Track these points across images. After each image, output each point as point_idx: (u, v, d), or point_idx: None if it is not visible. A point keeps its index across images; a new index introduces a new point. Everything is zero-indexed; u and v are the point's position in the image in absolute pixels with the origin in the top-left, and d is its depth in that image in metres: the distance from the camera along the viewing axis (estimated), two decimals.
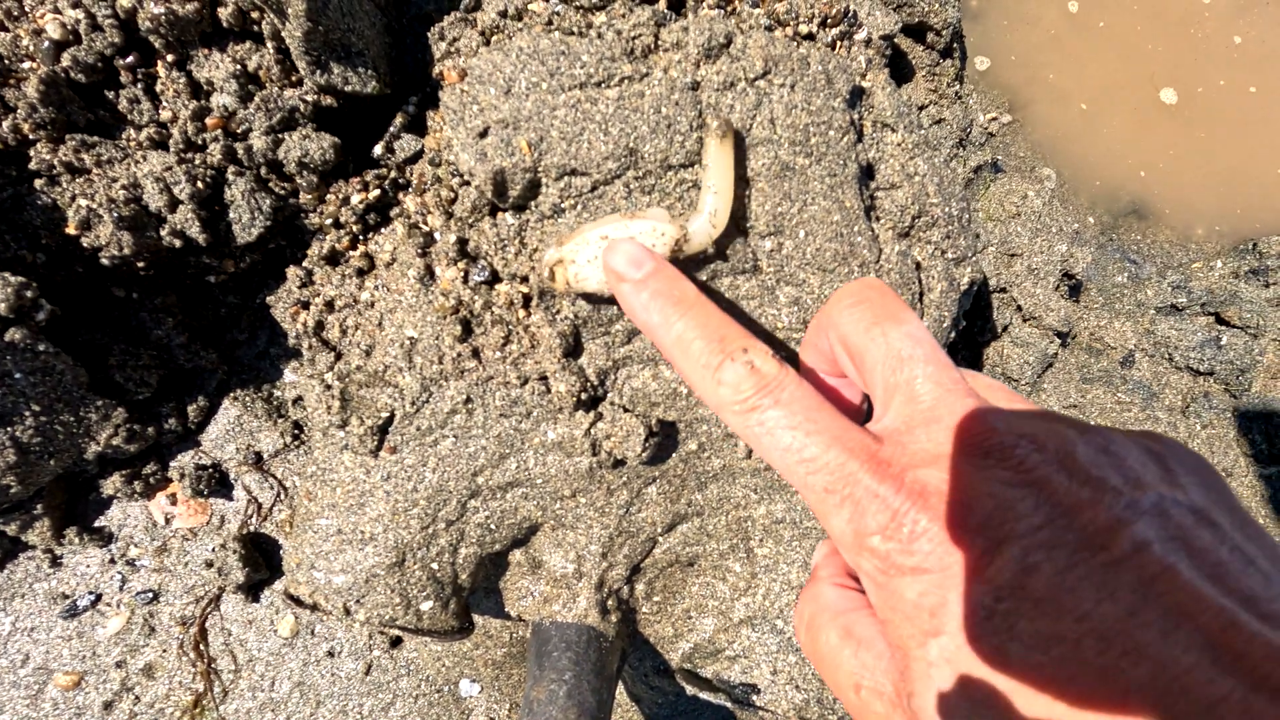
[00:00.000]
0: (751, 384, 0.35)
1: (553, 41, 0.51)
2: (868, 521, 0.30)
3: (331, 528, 0.61)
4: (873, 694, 0.31)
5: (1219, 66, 1.06)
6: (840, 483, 0.31)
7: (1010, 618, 0.25)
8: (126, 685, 0.73)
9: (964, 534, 0.27)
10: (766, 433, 0.34)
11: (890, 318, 0.36)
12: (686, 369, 0.39)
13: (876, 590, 0.30)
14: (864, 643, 0.33)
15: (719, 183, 0.49)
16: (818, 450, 0.32)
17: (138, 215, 0.66)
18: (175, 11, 0.65)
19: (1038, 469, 0.27)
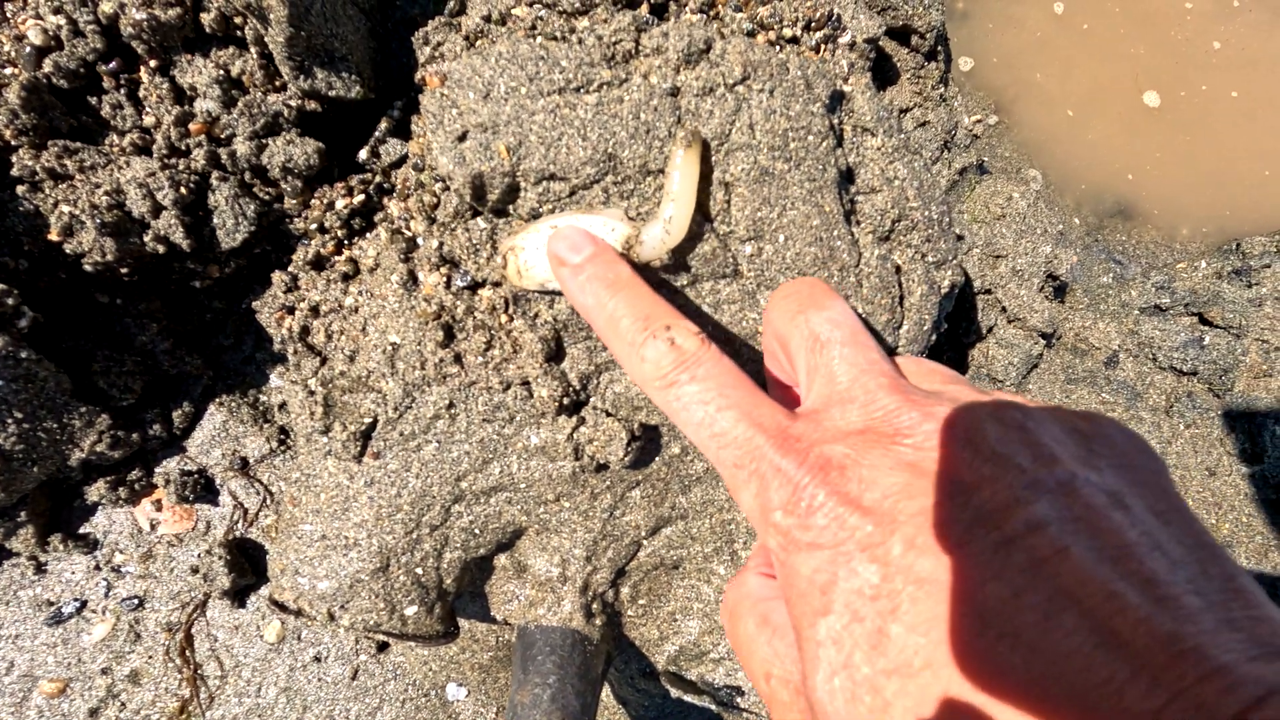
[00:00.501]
0: (671, 360, 0.36)
1: (532, 46, 0.51)
2: (771, 496, 0.30)
3: (315, 533, 0.61)
4: (780, 682, 0.31)
5: (1200, 70, 1.06)
6: (748, 457, 0.31)
7: (895, 598, 0.25)
8: (112, 692, 0.73)
9: (858, 511, 0.27)
10: (683, 407, 0.34)
11: (813, 304, 0.37)
12: (616, 347, 0.39)
13: (780, 569, 0.29)
14: (778, 630, 0.33)
15: (680, 191, 0.49)
16: (728, 425, 0.32)
17: (121, 221, 0.66)
18: (158, 17, 0.65)
19: (940, 448, 0.27)
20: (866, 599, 0.25)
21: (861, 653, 0.25)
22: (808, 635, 0.27)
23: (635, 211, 0.53)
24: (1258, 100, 1.07)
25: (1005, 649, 0.22)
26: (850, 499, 0.27)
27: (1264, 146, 1.08)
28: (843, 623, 0.26)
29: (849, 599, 0.26)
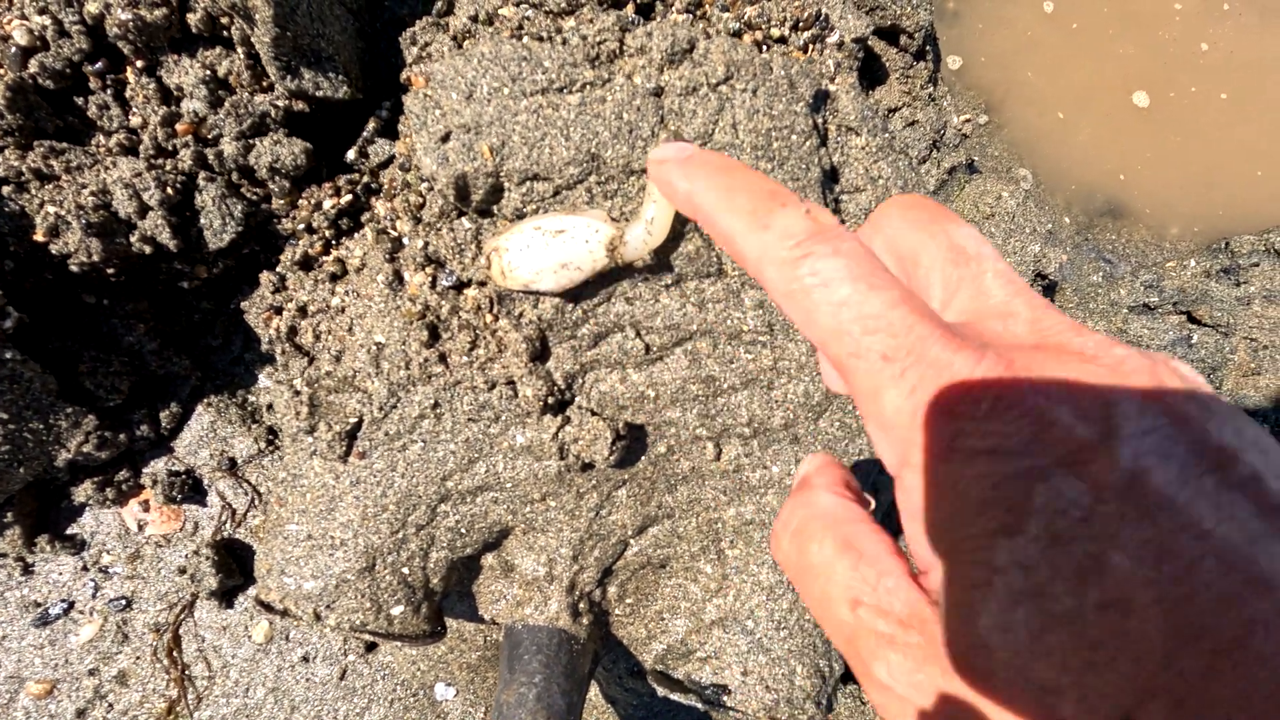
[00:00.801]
0: (805, 227, 0.30)
1: (514, 47, 0.51)
2: (933, 397, 0.25)
3: (301, 533, 0.61)
4: (875, 613, 0.27)
5: (1189, 72, 1.07)
6: (904, 348, 0.26)
7: (1114, 524, 0.21)
8: (100, 693, 0.73)
9: (1063, 420, 0.23)
10: (820, 283, 0.29)
11: (948, 218, 0.32)
12: (725, 223, 0.33)
13: (925, 482, 0.25)
14: (867, 557, 0.29)
15: (661, 196, 0.49)
16: (881, 306, 0.27)
17: (107, 221, 0.66)
18: (143, 17, 0.65)
19: (1149, 374, 0.24)
20: (1075, 521, 0.22)
21: (1064, 581, 0.21)
22: (977, 559, 0.23)
23: (618, 212, 0.54)
24: (1247, 101, 1.07)
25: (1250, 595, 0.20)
26: (1052, 398, 0.24)
27: (1254, 146, 1.08)
28: (1039, 545, 0.22)
29: (1050, 519, 0.22)
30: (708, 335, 0.59)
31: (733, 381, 0.60)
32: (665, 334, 0.58)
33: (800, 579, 0.31)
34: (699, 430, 0.62)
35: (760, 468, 0.63)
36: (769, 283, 0.31)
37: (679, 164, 0.38)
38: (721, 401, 0.61)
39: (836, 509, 0.32)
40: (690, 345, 0.59)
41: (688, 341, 0.59)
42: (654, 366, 0.59)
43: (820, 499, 0.32)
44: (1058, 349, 0.25)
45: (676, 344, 0.59)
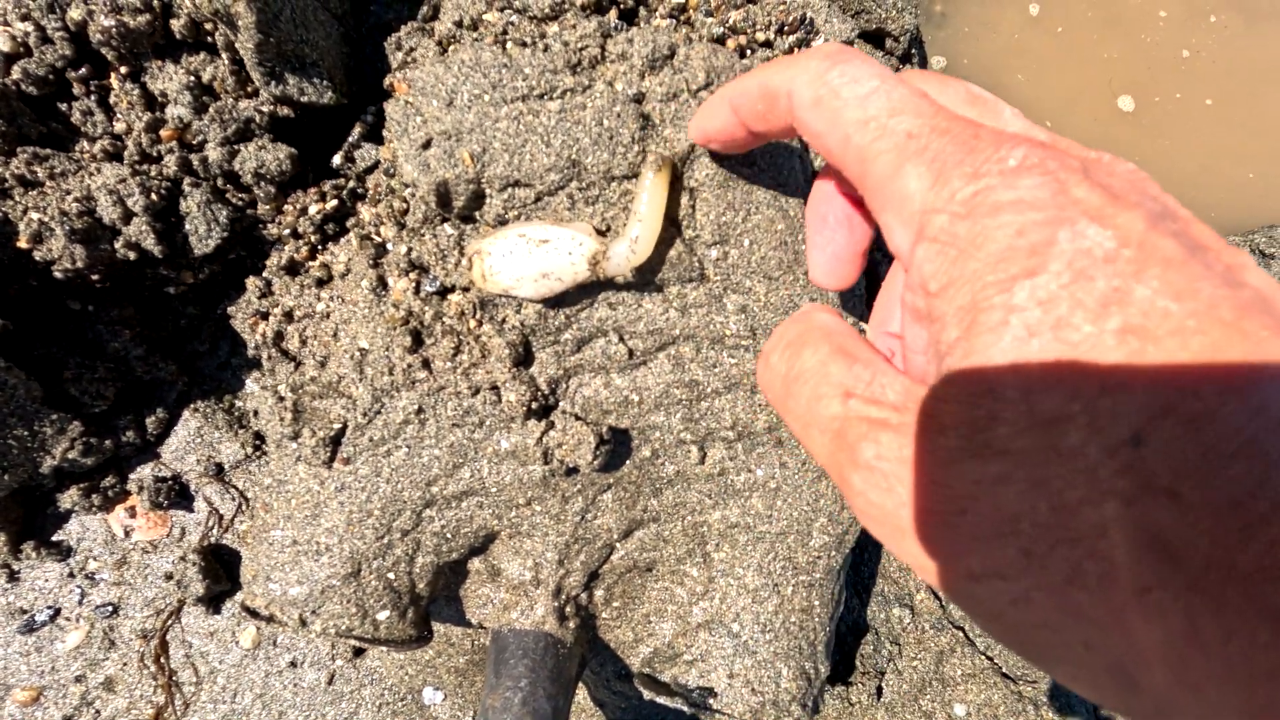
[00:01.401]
0: (835, 48, 0.32)
1: (494, 54, 0.52)
2: (956, 161, 0.25)
3: (287, 539, 0.61)
4: (867, 402, 0.27)
5: (1172, 77, 1.07)
6: (928, 126, 0.27)
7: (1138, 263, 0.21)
8: (86, 699, 0.73)
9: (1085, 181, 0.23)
10: (850, 80, 0.30)
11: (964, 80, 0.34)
12: (758, 79, 0.35)
13: (943, 247, 0.25)
14: (862, 360, 0.29)
15: (647, 212, 0.50)
16: (907, 93, 0.28)
17: (91, 228, 0.66)
18: (126, 24, 0.65)
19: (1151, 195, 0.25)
20: (1098, 260, 0.22)
21: (1086, 311, 0.21)
22: (995, 303, 0.23)
23: (600, 220, 0.54)
24: (1232, 106, 1.07)
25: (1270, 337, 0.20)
26: (1072, 170, 0.24)
27: (1241, 150, 1.09)
28: (1061, 281, 0.22)
29: (1074, 258, 0.22)
30: (690, 340, 0.59)
31: (716, 385, 0.60)
32: (648, 339, 0.58)
33: (789, 388, 0.31)
34: (683, 434, 0.62)
35: (745, 471, 0.63)
36: (798, 100, 0.32)
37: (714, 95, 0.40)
38: (705, 405, 0.61)
39: (832, 323, 0.33)
40: (673, 350, 0.59)
41: (671, 346, 0.59)
42: (637, 371, 0.59)
43: (817, 315, 0.34)
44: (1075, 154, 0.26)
45: (660, 349, 0.59)
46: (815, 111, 0.31)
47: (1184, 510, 0.19)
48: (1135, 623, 0.20)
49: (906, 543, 0.25)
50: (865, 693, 0.85)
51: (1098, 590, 0.20)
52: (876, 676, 0.86)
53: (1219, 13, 1.08)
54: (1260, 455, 0.19)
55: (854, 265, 0.40)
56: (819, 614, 0.67)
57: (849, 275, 0.41)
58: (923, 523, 0.24)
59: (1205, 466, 0.19)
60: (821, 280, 0.42)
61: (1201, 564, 0.19)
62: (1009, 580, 0.22)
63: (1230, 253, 0.23)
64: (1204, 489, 0.19)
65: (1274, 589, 0.18)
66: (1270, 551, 0.18)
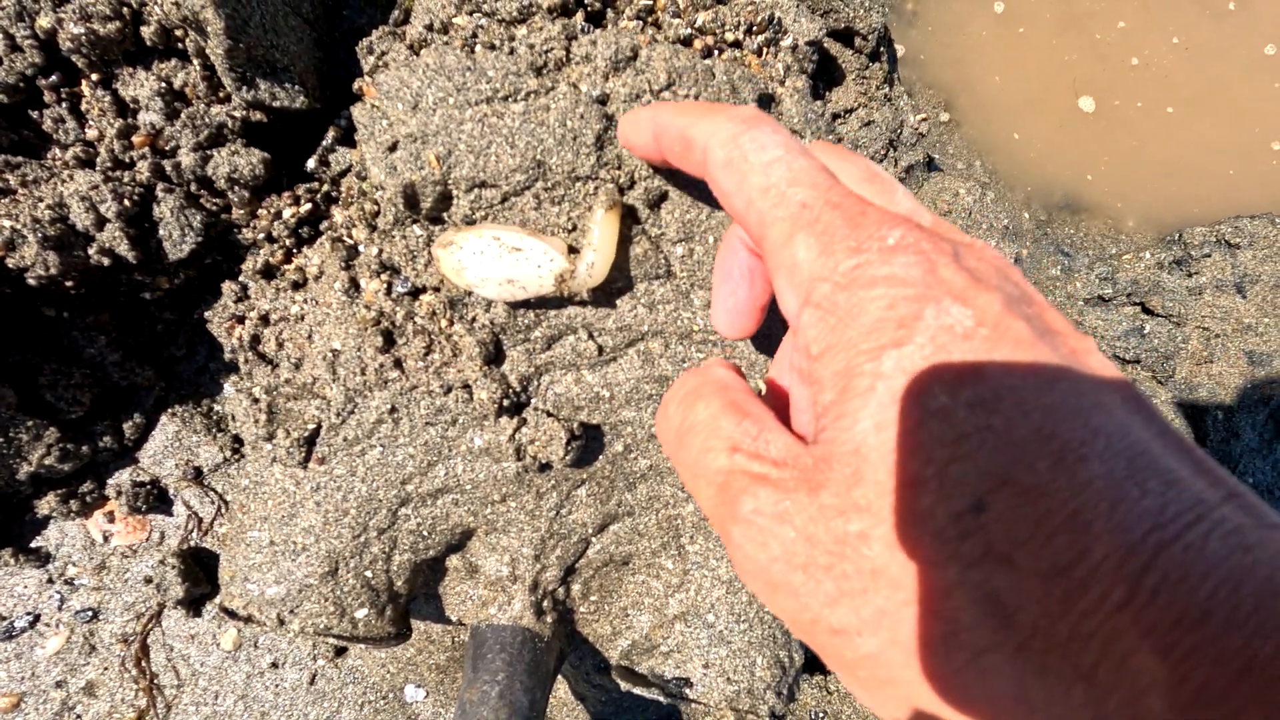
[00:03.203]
0: (751, 112, 0.33)
1: (458, 58, 0.52)
2: (842, 234, 0.27)
3: (264, 540, 0.62)
4: (750, 457, 0.28)
5: (1126, 84, 1.10)
6: (821, 199, 0.29)
7: (993, 342, 0.24)
8: (68, 705, 0.73)
9: (953, 265, 0.26)
10: (758, 148, 0.32)
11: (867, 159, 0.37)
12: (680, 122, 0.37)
13: (824, 314, 0.27)
14: (752, 416, 0.30)
15: (600, 244, 0.52)
16: (807, 166, 0.30)
17: (64, 234, 0.66)
18: (96, 31, 0.65)
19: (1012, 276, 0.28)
20: (958, 336, 0.24)
21: (943, 384, 0.23)
22: (865, 370, 0.25)
23: (568, 218, 0.55)
24: (1195, 112, 1.10)
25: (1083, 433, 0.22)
26: (943, 252, 0.26)
27: (1211, 142, 1.11)
28: (924, 354, 0.24)
29: (936, 333, 0.24)
30: (659, 335, 0.60)
31: None
32: (617, 335, 0.59)
33: (682, 439, 0.32)
34: (655, 429, 0.63)
35: None
36: (711, 158, 0.34)
37: (644, 112, 0.41)
38: None
39: (728, 378, 0.34)
40: (642, 346, 0.60)
41: (640, 342, 0.60)
42: (608, 367, 0.60)
43: (714, 370, 0.35)
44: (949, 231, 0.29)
45: (629, 345, 0.60)
46: (725, 171, 0.33)
47: (1018, 576, 0.21)
48: (972, 684, 0.21)
49: (778, 597, 0.26)
50: None
51: (941, 650, 0.22)
52: None
53: (1181, 35, 1.11)
54: (1083, 528, 0.21)
55: (752, 318, 0.42)
56: None
57: (747, 327, 0.42)
58: (788, 578, 0.26)
59: (1036, 536, 0.21)
60: (722, 329, 0.44)
61: (1030, 628, 0.20)
62: (865, 637, 0.24)
63: (1077, 338, 0.26)
64: (1034, 557, 0.21)
65: (1087, 651, 0.20)
66: (1086, 617, 0.20)
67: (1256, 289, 1.03)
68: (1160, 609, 0.19)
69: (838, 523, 0.24)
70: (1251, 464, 1.03)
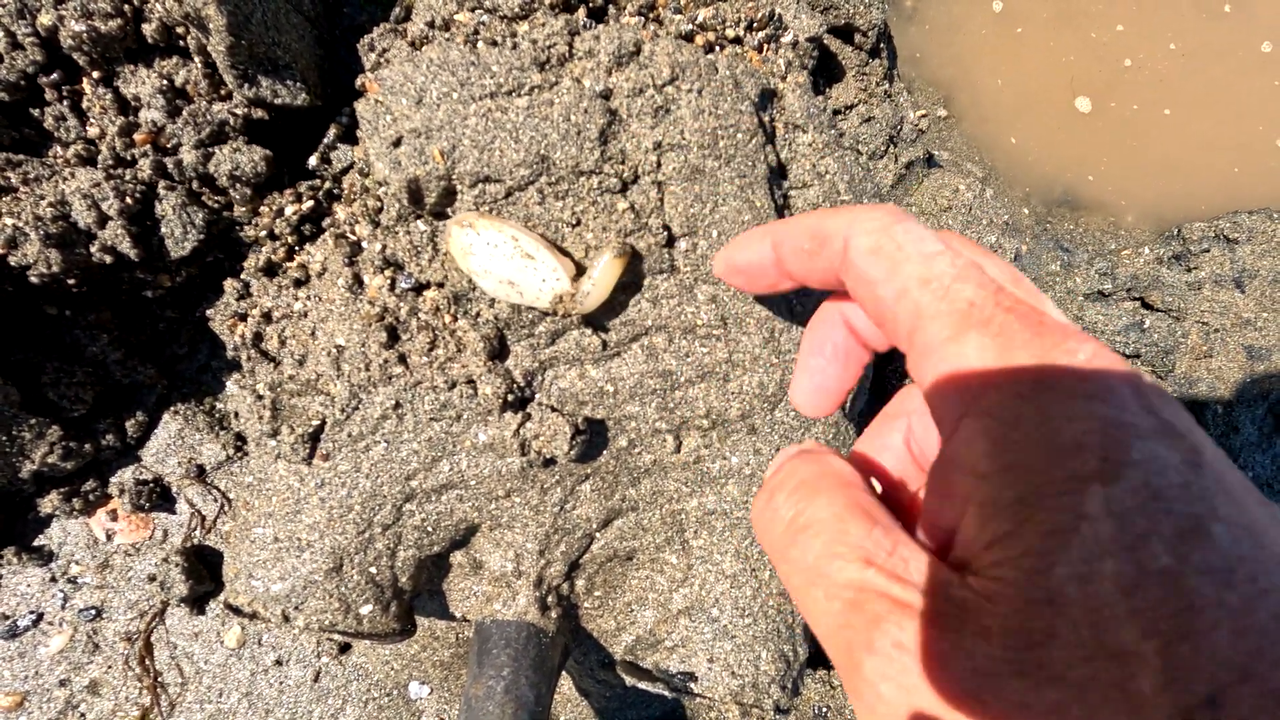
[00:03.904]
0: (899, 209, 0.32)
1: (462, 53, 0.52)
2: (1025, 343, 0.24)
3: (268, 536, 0.62)
4: (889, 577, 0.24)
5: (1124, 83, 1.10)
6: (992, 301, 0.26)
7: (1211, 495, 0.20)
8: (71, 703, 0.73)
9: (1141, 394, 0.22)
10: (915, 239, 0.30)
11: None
12: None
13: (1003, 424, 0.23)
14: (881, 525, 0.27)
15: (600, 281, 0.53)
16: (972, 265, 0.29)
17: (66, 232, 0.66)
18: (98, 28, 0.65)
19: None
20: (1174, 483, 0.20)
21: (1163, 541, 0.19)
22: (1063, 503, 0.21)
23: (571, 213, 0.55)
24: (1191, 113, 1.10)
25: None
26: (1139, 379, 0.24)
27: (1209, 140, 1.11)
28: (1138, 499, 0.20)
29: (1149, 475, 0.20)
30: (663, 330, 0.60)
31: (689, 375, 0.61)
32: (621, 330, 0.59)
33: (796, 537, 0.28)
34: (658, 423, 0.63)
35: (720, 459, 0.65)
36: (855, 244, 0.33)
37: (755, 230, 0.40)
38: (679, 395, 0.62)
39: (849, 474, 0.30)
40: (646, 340, 0.60)
41: (644, 337, 0.60)
42: (611, 362, 0.61)
43: (832, 461, 0.31)
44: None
45: (633, 339, 0.60)
46: (872, 259, 0.30)
47: None
48: None
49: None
50: None
51: None
52: None
53: (1178, 35, 1.11)
54: None
55: (836, 399, 0.40)
56: None
57: (828, 408, 0.40)
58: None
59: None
60: (801, 405, 0.41)
61: None
62: None
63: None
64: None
65: None
66: None
67: (1255, 284, 1.04)
68: None
69: (1016, 685, 0.20)
70: (1251, 458, 1.03)
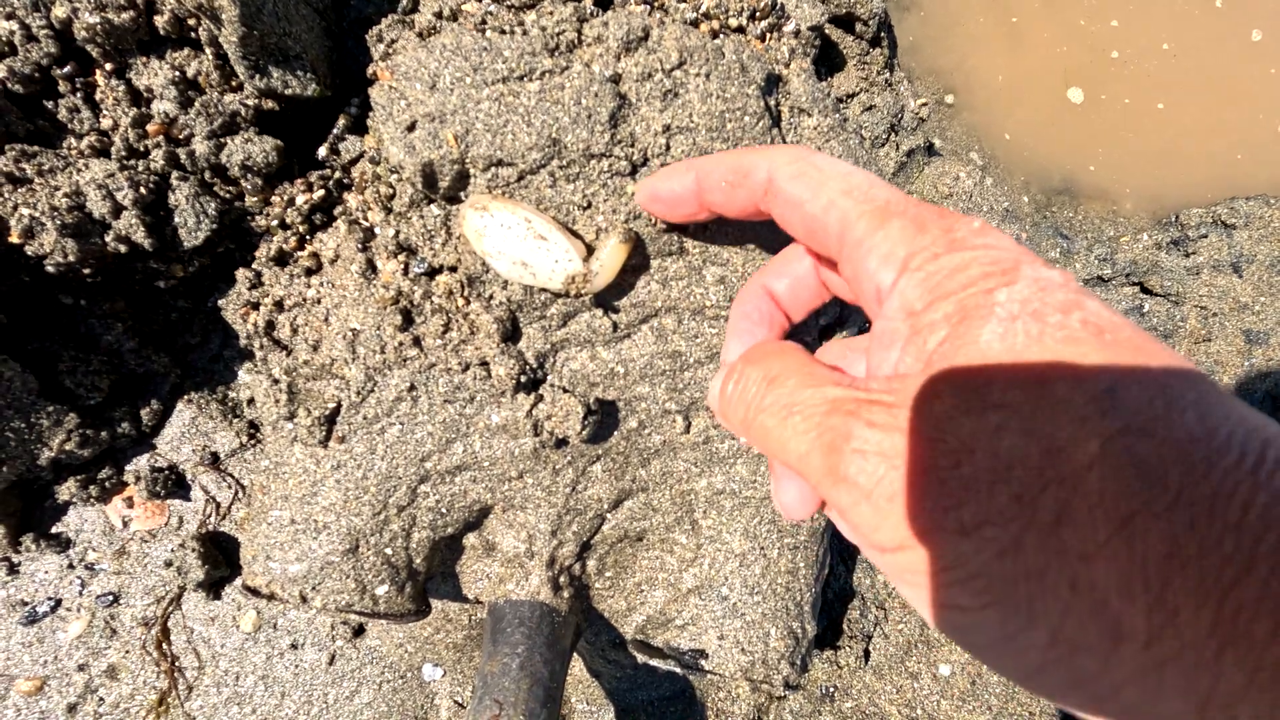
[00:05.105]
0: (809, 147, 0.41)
1: (475, 38, 0.53)
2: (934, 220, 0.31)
3: (285, 519, 0.63)
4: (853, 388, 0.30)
5: (1120, 74, 1.11)
6: (902, 199, 0.33)
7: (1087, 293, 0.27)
8: (90, 687, 0.74)
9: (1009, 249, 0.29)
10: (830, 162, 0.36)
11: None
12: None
13: (927, 275, 0.29)
14: (840, 370, 0.33)
15: (608, 263, 0.55)
16: (880, 179, 0.35)
17: (81, 222, 0.67)
18: (111, 20, 0.66)
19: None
20: (1055, 284, 0.27)
21: (1053, 309, 0.26)
22: (980, 302, 0.27)
23: (583, 196, 0.56)
24: (1185, 105, 1.11)
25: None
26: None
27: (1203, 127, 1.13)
28: (1031, 290, 0.27)
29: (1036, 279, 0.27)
30: (672, 312, 0.61)
31: (699, 355, 0.63)
32: (631, 311, 0.60)
33: (769, 388, 0.34)
34: (668, 404, 0.64)
35: (729, 438, 0.66)
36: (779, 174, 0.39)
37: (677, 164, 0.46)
38: (689, 375, 0.63)
39: (799, 345, 0.37)
40: (656, 322, 0.61)
41: (653, 318, 0.61)
42: (622, 344, 0.62)
43: (789, 343, 0.38)
44: None
45: (642, 321, 0.61)
46: (798, 181, 0.36)
47: (1158, 444, 0.23)
48: (1119, 549, 0.22)
49: (891, 510, 0.27)
50: (853, 655, 0.87)
51: (1086, 523, 0.23)
52: (864, 640, 0.89)
53: (1170, 26, 1.12)
54: (1207, 410, 0.23)
55: None
56: (804, 575, 0.70)
57: None
58: (915, 483, 0.26)
59: (1170, 412, 0.23)
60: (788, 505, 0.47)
61: (1176, 489, 0.22)
62: (1000, 526, 0.24)
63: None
64: (1170, 428, 0.23)
65: (1231, 507, 0.21)
66: (1226, 478, 0.22)
67: (1253, 268, 1.05)
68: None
69: (965, 420, 0.25)
70: None
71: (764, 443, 0.34)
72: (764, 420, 0.33)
